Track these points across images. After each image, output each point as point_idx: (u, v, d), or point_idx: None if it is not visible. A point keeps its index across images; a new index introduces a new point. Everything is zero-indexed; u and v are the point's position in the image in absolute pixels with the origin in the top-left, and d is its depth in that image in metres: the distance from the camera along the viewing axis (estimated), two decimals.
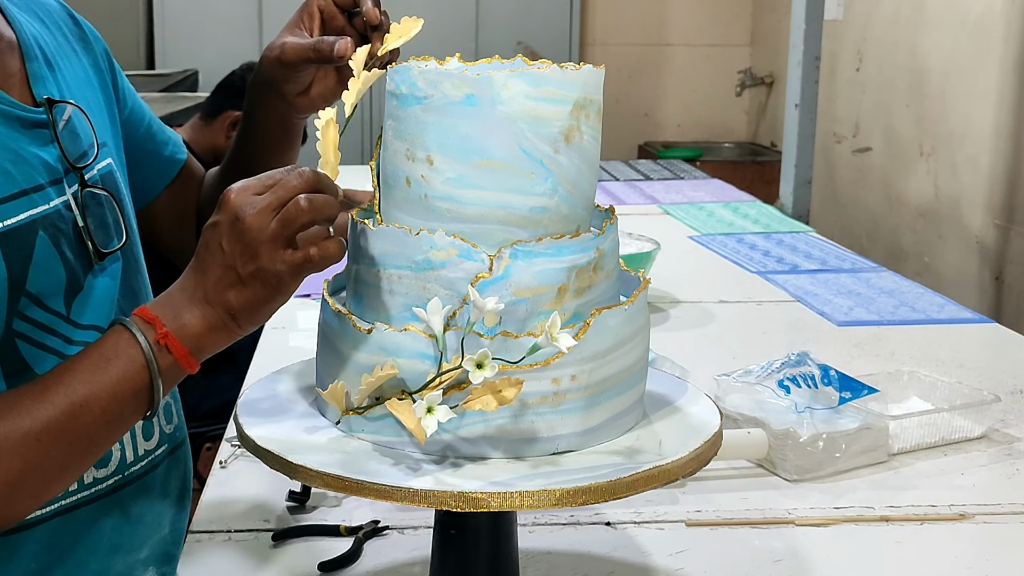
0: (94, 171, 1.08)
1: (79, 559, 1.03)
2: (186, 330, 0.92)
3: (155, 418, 1.11)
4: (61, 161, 1.03)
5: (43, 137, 1.03)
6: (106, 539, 1.05)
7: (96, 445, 0.93)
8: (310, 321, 2.14)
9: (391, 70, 0.96)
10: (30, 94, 1.04)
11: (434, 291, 0.91)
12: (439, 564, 1.01)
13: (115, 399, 0.91)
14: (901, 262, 3.93)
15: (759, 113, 5.65)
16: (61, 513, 1.02)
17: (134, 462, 1.08)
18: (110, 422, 0.92)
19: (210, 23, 4.96)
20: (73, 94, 1.09)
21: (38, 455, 0.89)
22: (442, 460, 0.91)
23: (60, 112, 1.05)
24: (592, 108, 0.95)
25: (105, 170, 1.10)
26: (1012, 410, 1.75)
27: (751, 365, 1.67)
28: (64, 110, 1.06)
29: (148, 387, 0.92)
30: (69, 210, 1.03)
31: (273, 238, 0.89)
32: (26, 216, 0.98)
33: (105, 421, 0.92)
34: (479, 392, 0.88)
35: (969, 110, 3.64)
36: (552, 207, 0.93)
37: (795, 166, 3.53)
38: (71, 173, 1.04)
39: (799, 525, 1.40)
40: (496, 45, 5.06)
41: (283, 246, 0.90)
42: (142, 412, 0.93)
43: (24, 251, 0.97)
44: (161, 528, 1.13)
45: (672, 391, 1.07)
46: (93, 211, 1.05)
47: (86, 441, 0.92)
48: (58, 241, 1.00)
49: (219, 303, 0.92)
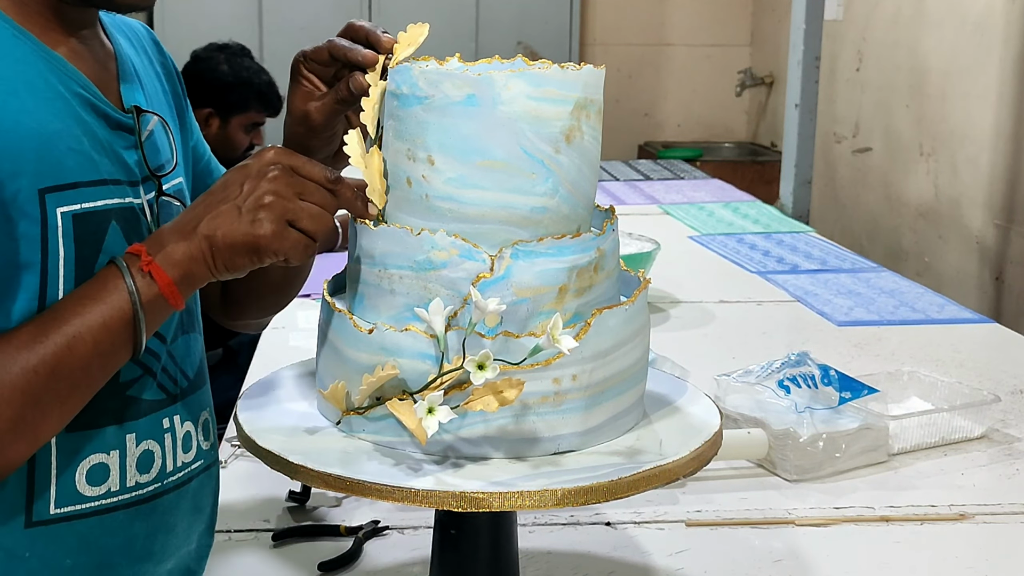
0: (171, 183, 1.11)
1: (111, 562, 1.05)
2: (169, 258, 0.95)
3: (194, 433, 1.13)
4: (141, 167, 1.07)
5: (128, 141, 1.06)
6: (139, 545, 1.07)
7: (92, 379, 0.96)
8: (310, 321, 2.15)
9: (392, 70, 0.97)
10: (120, 102, 1.08)
11: (435, 291, 0.91)
12: (439, 564, 1.01)
13: (106, 331, 0.94)
14: (901, 262, 3.93)
15: (759, 113, 5.65)
16: (100, 512, 1.03)
17: (173, 472, 1.09)
18: (103, 354, 0.95)
19: (210, 23, 4.96)
20: (156, 111, 1.13)
21: (37, 388, 0.92)
22: (443, 460, 0.91)
23: (145, 123, 1.09)
24: (593, 108, 0.95)
25: (178, 187, 1.13)
26: (1012, 410, 1.75)
27: (751, 365, 1.67)
28: (149, 121, 1.09)
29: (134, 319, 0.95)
30: (143, 213, 1.06)
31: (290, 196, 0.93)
32: (103, 204, 1.01)
33: (98, 353, 0.94)
34: (480, 393, 0.88)
35: (969, 110, 3.64)
36: (553, 207, 0.93)
37: (795, 166, 3.53)
38: (149, 180, 1.08)
39: (799, 525, 1.40)
40: (496, 45, 5.06)
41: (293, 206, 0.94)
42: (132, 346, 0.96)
43: (97, 235, 1.00)
44: (189, 542, 1.15)
45: (672, 391, 1.07)
46: (164, 219, 1.08)
47: (81, 374, 0.94)
48: (129, 236, 1.03)
49: (205, 235, 0.94)
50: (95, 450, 1.02)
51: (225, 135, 3.13)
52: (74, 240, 0.98)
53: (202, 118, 3.08)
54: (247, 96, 3.15)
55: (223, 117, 3.13)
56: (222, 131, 3.13)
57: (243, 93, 3.14)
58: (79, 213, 0.99)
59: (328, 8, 5.08)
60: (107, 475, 1.03)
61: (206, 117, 3.10)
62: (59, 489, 1.00)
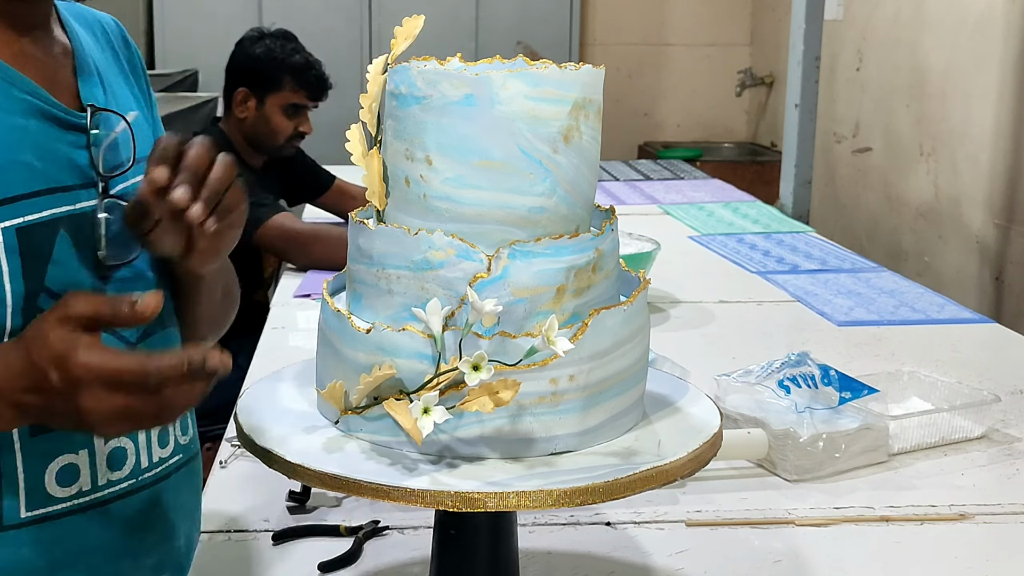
0: (127, 183, 1.08)
1: (88, 560, 1.04)
2: None
3: (171, 427, 1.12)
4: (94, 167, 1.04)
5: (82, 141, 1.03)
6: (117, 542, 1.06)
7: None
8: (310, 321, 2.15)
9: (391, 70, 0.96)
10: (77, 100, 1.05)
11: (432, 291, 0.91)
12: (439, 564, 1.01)
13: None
14: (901, 262, 3.93)
15: (759, 113, 5.65)
16: (73, 512, 1.02)
17: (148, 468, 1.08)
18: None
19: (210, 23, 4.96)
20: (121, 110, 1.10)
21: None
22: (440, 460, 0.91)
23: (106, 122, 1.06)
24: (591, 108, 0.95)
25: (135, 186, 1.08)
26: (1012, 410, 1.75)
27: (751, 365, 1.67)
28: (109, 120, 1.07)
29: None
30: None
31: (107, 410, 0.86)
32: (49, 214, 0.99)
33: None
34: (476, 393, 0.88)
35: (969, 110, 3.64)
36: (551, 207, 0.93)
37: (795, 166, 3.53)
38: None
39: (799, 525, 1.40)
40: (496, 45, 5.06)
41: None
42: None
43: (43, 248, 0.98)
44: (174, 538, 1.14)
45: (672, 391, 1.07)
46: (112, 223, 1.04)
47: None
48: (81, 243, 1.01)
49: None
50: (63, 451, 1.00)
51: (263, 116, 3.08)
52: (19, 254, 0.96)
53: (238, 100, 3.06)
54: (279, 74, 3.09)
55: (259, 97, 3.09)
56: (259, 111, 3.09)
57: (274, 70, 3.09)
58: (23, 226, 0.97)
59: (328, 8, 5.08)
60: (77, 475, 1.01)
61: (242, 98, 3.07)
62: (28, 493, 0.99)
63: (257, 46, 3.13)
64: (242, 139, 3.08)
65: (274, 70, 3.08)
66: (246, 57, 3.12)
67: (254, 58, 3.11)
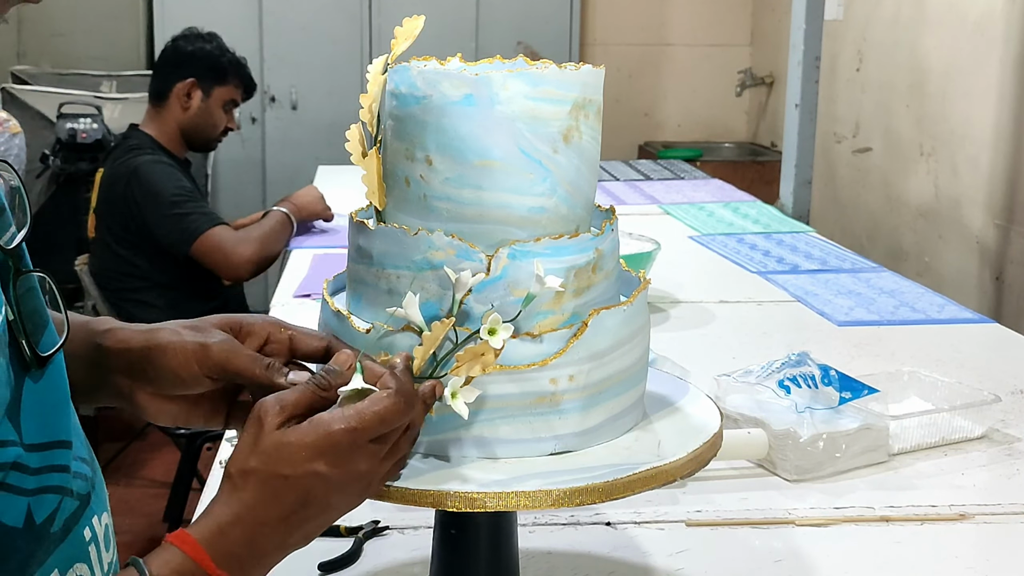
0: (22, 254, 0.84)
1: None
2: None
3: (109, 519, 0.91)
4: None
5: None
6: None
7: None
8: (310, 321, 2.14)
9: (391, 70, 0.96)
10: None
11: (432, 291, 0.91)
12: (439, 564, 1.01)
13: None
14: (901, 262, 3.93)
15: (759, 113, 5.65)
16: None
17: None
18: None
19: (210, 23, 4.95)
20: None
21: None
22: (439, 460, 0.91)
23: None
24: (591, 108, 0.95)
25: None
26: (1012, 410, 1.75)
27: (751, 365, 1.67)
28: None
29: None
30: None
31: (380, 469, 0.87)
32: None
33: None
34: (463, 359, 0.88)
35: (969, 110, 3.64)
36: (551, 207, 0.93)
37: (795, 166, 3.53)
38: None
39: (799, 525, 1.40)
40: (496, 45, 5.06)
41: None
42: None
43: None
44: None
45: (673, 391, 1.07)
46: (27, 303, 0.82)
47: None
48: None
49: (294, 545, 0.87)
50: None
51: (208, 109, 3.18)
52: None
53: (182, 92, 3.12)
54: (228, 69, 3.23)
55: (206, 89, 3.17)
56: (204, 104, 3.17)
57: (225, 65, 3.23)
58: None
59: (328, 8, 5.08)
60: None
61: (188, 90, 3.14)
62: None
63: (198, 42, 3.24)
64: (176, 131, 3.15)
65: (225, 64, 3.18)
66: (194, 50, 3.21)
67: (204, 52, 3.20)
